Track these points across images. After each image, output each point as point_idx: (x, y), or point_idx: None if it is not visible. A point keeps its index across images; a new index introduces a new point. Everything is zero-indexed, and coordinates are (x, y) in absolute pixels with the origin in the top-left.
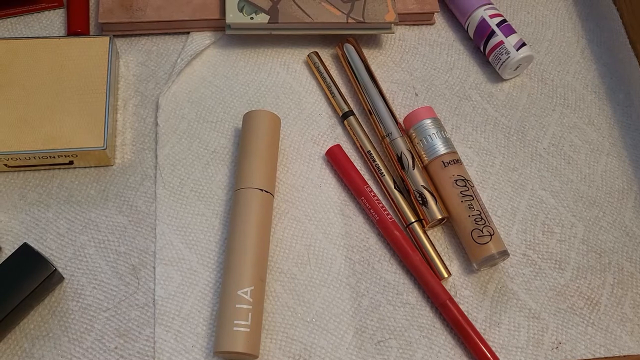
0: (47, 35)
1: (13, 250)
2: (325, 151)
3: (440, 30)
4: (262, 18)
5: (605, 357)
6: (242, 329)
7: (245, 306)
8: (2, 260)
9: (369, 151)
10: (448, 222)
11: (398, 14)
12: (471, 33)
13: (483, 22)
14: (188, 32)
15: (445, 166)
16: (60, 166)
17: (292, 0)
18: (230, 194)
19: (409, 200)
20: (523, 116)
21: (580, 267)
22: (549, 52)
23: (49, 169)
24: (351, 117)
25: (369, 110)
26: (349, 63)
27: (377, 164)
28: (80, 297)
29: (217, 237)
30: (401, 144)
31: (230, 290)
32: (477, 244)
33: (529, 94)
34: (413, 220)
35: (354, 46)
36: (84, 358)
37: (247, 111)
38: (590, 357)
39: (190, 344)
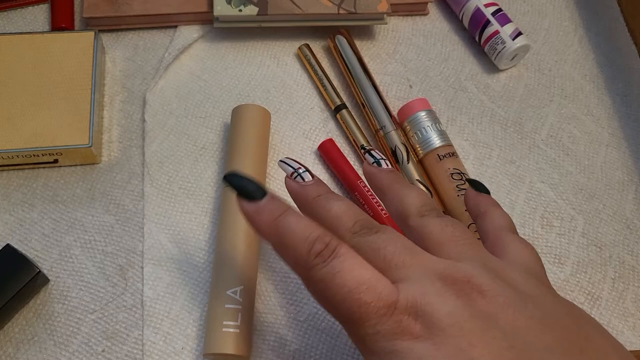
0: (31, 31)
1: None
2: (317, 146)
3: (435, 21)
4: (250, 10)
5: None
6: (231, 330)
7: (234, 306)
8: None
9: (362, 145)
10: None
11: (391, 4)
12: (466, 23)
13: (478, 12)
14: (176, 26)
15: (440, 159)
16: (45, 165)
17: None
18: (220, 191)
19: None
20: (520, 107)
21: (581, 261)
22: (546, 42)
23: (33, 168)
24: (344, 111)
25: (362, 103)
26: (341, 55)
27: None
28: (66, 299)
29: (206, 236)
30: (395, 138)
31: (219, 290)
32: None
33: (526, 85)
34: None
35: (346, 38)
36: None
37: (236, 105)
38: None
39: (179, 346)
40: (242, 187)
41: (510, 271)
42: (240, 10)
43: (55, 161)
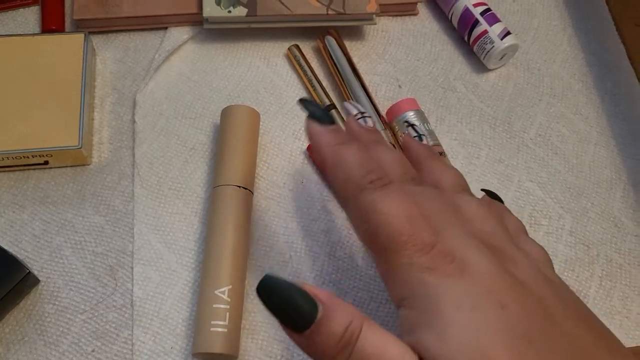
0: (22, 33)
1: None
2: (306, 146)
3: (424, 21)
4: (240, 11)
5: None
6: (219, 329)
7: (222, 306)
8: None
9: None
10: None
11: (380, 4)
12: (455, 23)
13: (467, 12)
14: (166, 27)
15: None
16: (35, 166)
17: None
18: (210, 191)
19: None
20: (509, 107)
21: (568, 259)
22: (535, 41)
23: (24, 170)
24: (333, 111)
25: None
26: (330, 56)
27: None
28: (57, 299)
29: (196, 236)
30: (384, 137)
31: (207, 290)
32: None
33: (515, 84)
34: None
35: (335, 38)
36: None
37: (226, 106)
38: None
39: (169, 346)
40: (315, 112)
41: (533, 259)
42: (230, 12)
43: (46, 162)
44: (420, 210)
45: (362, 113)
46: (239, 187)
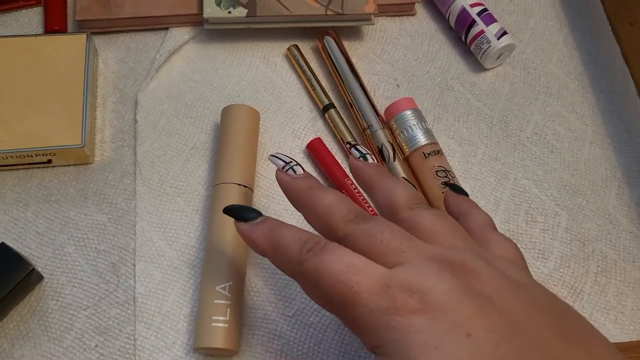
0: (24, 34)
1: None
2: (305, 144)
3: (422, 21)
4: (240, 12)
5: None
6: (220, 325)
7: (223, 302)
8: None
9: (349, 142)
10: None
11: (378, 5)
12: (452, 23)
13: (464, 12)
14: (167, 28)
15: (426, 157)
16: (39, 165)
17: None
18: (210, 189)
19: None
20: (506, 105)
21: (564, 256)
22: (531, 41)
23: (27, 168)
24: (332, 110)
25: (350, 103)
26: (329, 55)
27: None
28: (60, 296)
29: (197, 234)
30: (382, 136)
31: (208, 286)
32: None
33: (511, 83)
34: None
35: (334, 38)
36: (64, 357)
37: (226, 105)
38: None
39: (171, 341)
40: (239, 211)
41: (499, 261)
42: (230, 12)
43: (49, 161)
44: (372, 248)
45: (288, 163)
46: (240, 185)
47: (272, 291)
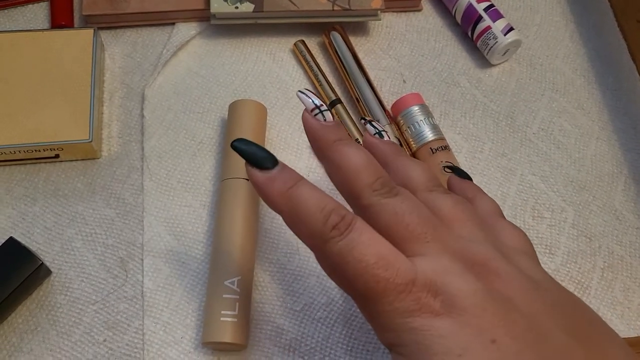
0: (31, 29)
1: None
2: None
3: (428, 17)
4: (246, 7)
5: None
6: (229, 319)
7: (232, 296)
8: None
9: (357, 139)
10: None
11: (385, 0)
12: (459, 19)
13: (470, 8)
14: (173, 23)
15: (433, 153)
16: (46, 160)
17: None
18: (218, 184)
19: None
20: (512, 101)
21: (571, 251)
22: (537, 37)
23: (35, 163)
24: (338, 105)
25: (357, 98)
26: (335, 51)
27: None
28: (68, 290)
29: (204, 228)
30: (389, 132)
31: (217, 280)
32: None
33: (517, 79)
34: None
35: (340, 34)
36: (73, 351)
37: (233, 101)
38: None
39: (179, 336)
40: (253, 155)
41: (515, 255)
42: (237, 7)
43: (57, 156)
44: (396, 229)
45: (319, 106)
46: (247, 179)
47: (279, 286)
